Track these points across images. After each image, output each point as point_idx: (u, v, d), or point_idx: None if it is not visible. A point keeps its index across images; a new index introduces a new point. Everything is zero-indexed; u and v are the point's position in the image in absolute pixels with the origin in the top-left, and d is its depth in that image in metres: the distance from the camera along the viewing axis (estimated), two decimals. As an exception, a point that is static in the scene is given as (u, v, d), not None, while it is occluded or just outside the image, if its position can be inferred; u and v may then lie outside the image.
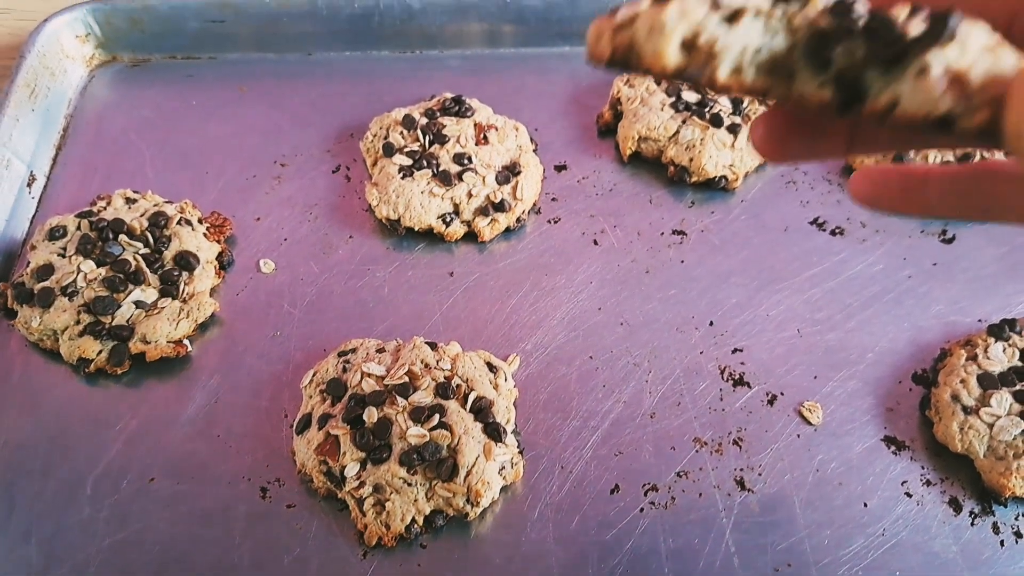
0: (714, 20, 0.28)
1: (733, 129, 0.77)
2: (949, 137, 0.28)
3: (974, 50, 0.27)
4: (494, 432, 0.59)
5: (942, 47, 0.27)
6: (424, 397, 0.59)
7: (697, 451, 0.62)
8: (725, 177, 0.77)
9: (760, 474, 0.61)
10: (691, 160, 0.77)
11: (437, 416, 0.58)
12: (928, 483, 0.60)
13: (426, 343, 0.64)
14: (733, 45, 0.28)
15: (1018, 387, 0.60)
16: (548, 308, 0.70)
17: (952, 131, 0.27)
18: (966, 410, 0.61)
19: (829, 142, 0.38)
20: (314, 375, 0.62)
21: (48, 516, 0.58)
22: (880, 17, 0.28)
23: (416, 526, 0.57)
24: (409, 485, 0.57)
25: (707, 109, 0.78)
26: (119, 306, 0.65)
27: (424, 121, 0.77)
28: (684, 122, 0.78)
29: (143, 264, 0.67)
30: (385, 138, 0.77)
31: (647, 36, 0.28)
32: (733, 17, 0.28)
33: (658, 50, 0.27)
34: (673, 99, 0.79)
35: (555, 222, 0.76)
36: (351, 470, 0.57)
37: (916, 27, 0.28)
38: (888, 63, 0.28)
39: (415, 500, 0.57)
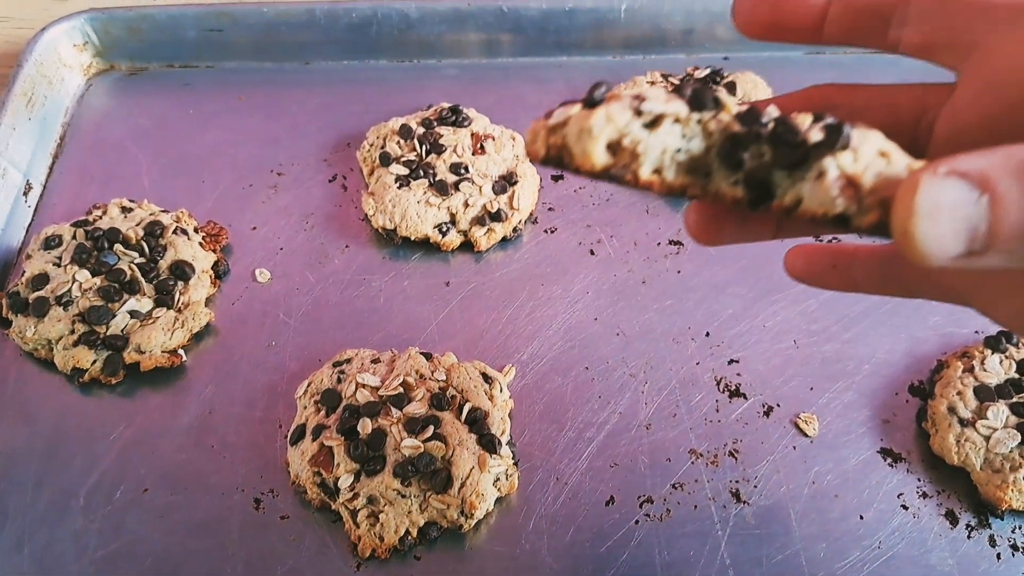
0: (637, 125, 0.30)
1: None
2: (838, 227, 0.30)
3: (867, 156, 0.30)
4: (489, 443, 0.59)
5: (837, 154, 0.30)
6: (418, 408, 0.59)
7: (693, 463, 0.62)
8: (722, 187, 0.77)
9: (756, 486, 0.61)
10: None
11: (431, 427, 0.58)
12: (924, 495, 0.60)
13: (421, 353, 0.64)
14: (654, 148, 0.30)
15: (1015, 399, 0.60)
16: (544, 318, 0.70)
17: (849, 228, 0.30)
18: (962, 422, 0.61)
19: (758, 226, 0.40)
20: (309, 385, 0.62)
21: (41, 526, 0.58)
22: (785, 124, 0.30)
23: (410, 538, 0.57)
24: (403, 497, 0.57)
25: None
26: (114, 316, 0.65)
27: (421, 131, 0.77)
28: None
29: (138, 274, 0.67)
30: (382, 147, 0.78)
31: (577, 138, 0.30)
32: (654, 123, 0.30)
33: (586, 151, 0.30)
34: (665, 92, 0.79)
35: (551, 232, 0.76)
36: (345, 481, 0.57)
37: (816, 135, 0.30)
38: (792, 166, 0.31)
39: (409, 512, 0.57)
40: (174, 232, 0.70)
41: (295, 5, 0.88)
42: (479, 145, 0.77)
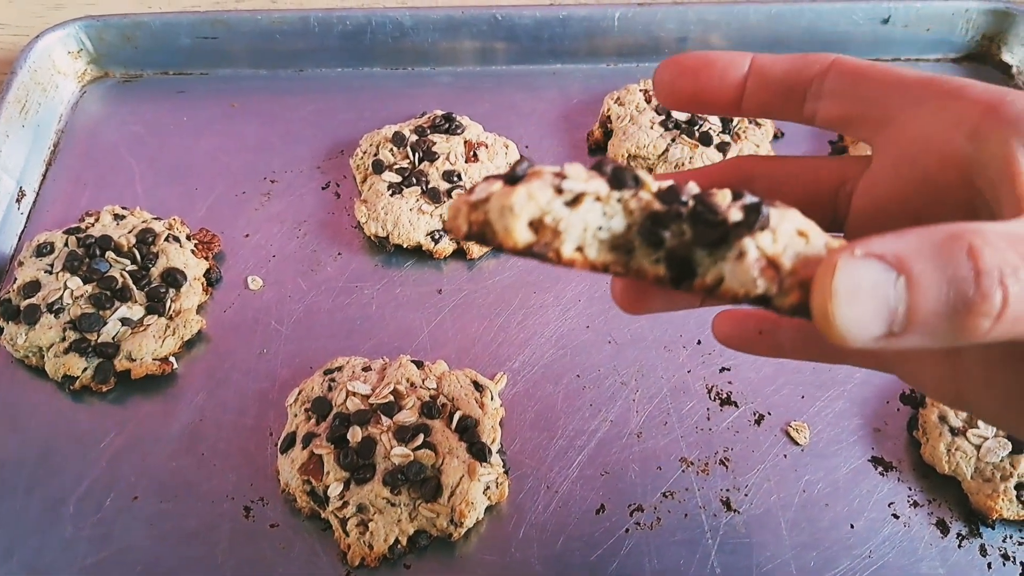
0: (558, 203, 0.30)
1: (722, 148, 0.78)
2: (759, 306, 0.31)
3: (785, 235, 0.30)
4: (479, 452, 0.59)
5: (756, 234, 0.30)
6: (409, 416, 0.60)
7: (683, 471, 0.62)
8: (715, 195, 0.77)
9: (746, 494, 0.61)
10: (681, 178, 0.77)
11: (422, 436, 0.59)
12: (915, 504, 0.61)
13: (412, 361, 0.64)
14: (575, 226, 0.31)
15: (1005, 408, 0.61)
16: (536, 326, 0.70)
17: (770, 307, 0.30)
18: (953, 431, 0.61)
19: (684, 297, 0.39)
20: (299, 393, 0.63)
21: (31, 534, 0.59)
22: (704, 203, 0.31)
23: (400, 546, 0.57)
24: (393, 505, 0.57)
25: (696, 128, 0.79)
26: (105, 323, 0.65)
27: (414, 138, 0.78)
28: (673, 140, 0.78)
29: (130, 281, 0.67)
30: (375, 155, 0.78)
31: (499, 216, 0.30)
32: (575, 201, 0.30)
33: (508, 229, 0.30)
34: (663, 117, 0.80)
35: (544, 240, 0.76)
36: (334, 490, 0.57)
37: (735, 214, 0.30)
38: (712, 245, 0.31)
39: (399, 520, 0.57)
40: (166, 239, 0.71)
41: (289, 13, 0.88)
42: (472, 153, 0.77)
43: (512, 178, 0.31)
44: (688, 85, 0.38)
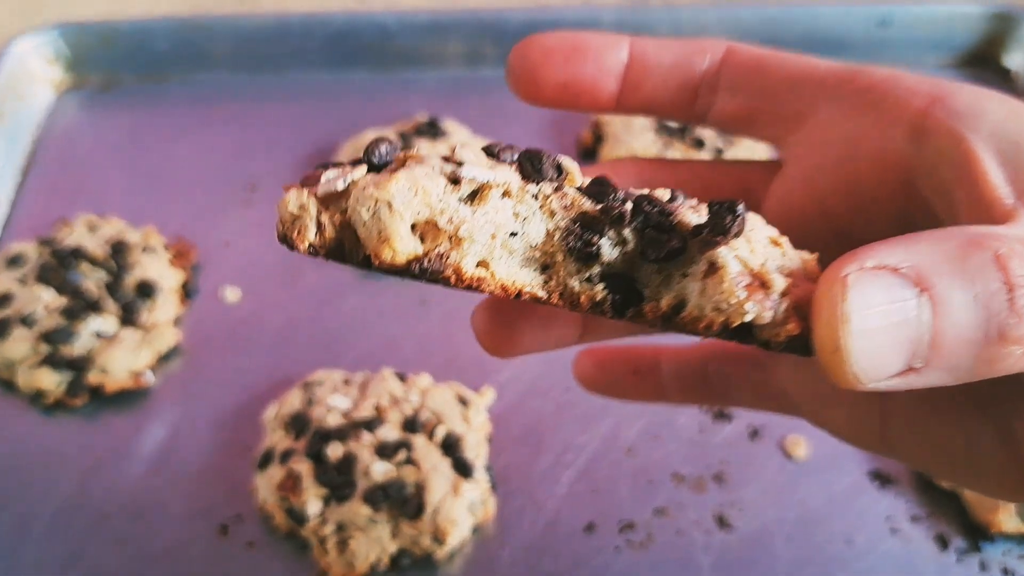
0: (454, 199, 0.24)
1: (716, 153, 0.78)
2: (737, 339, 0.25)
3: (760, 245, 0.24)
4: (463, 468, 0.59)
5: (731, 243, 0.24)
6: (391, 432, 0.59)
7: (676, 487, 0.62)
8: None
9: (741, 511, 0.61)
10: (673, 184, 0.77)
11: (404, 452, 0.58)
12: (914, 519, 0.60)
13: (395, 375, 0.64)
14: (480, 230, 0.24)
15: (1006, 420, 0.61)
16: (524, 337, 0.70)
17: (751, 341, 0.24)
18: (953, 444, 0.61)
19: (561, 329, 0.35)
20: (278, 408, 0.63)
21: (0, 553, 0.58)
22: (653, 202, 0.25)
23: (381, 565, 0.57)
24: (374, 523, 0.57)
25: (689, 134, 0.79)
26: (78, 336, 0.65)
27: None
28: (666, 146, 0.78)
29: (104, 292, 0.67)
30: (358, 162, 0.78)
31: (370, 216, 0.23)
32: (475, 195, 0.24)
33: (386, 235, 0.23)
34: (656, 123, 0.80)
35: (533, 248, 0.76)
36: (313, 508, 0.57)
37: (690, 215, 0.24)
38: (667, 259, 0.25)
39: (380, 539, 0.57)
40: (142, 250, 0.70)
41: (269, 17, 0.89)
42: (458, 159, 0.77)
43: (376, 164, 0.25)
44: (554, 75, 0.32)
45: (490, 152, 0.26)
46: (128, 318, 0.67)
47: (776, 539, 0.59)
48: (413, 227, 0.24)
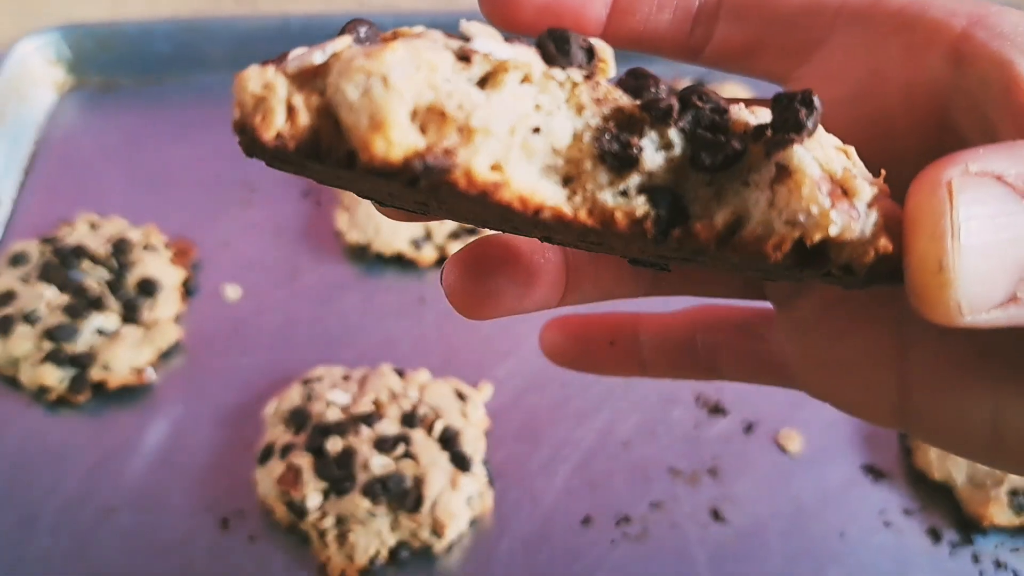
0: (463, 80, 0.19)
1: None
2: (790, 278, 0.21)
3: (832, 150, 0.21)
4: (461, 462, 0.60)
5: (805, 140, 0.20)
6: (390, 426, 0.61)
7: (672, 481, 0.63)
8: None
9: (736, 504, 0.62)
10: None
11: (402, 446, 0.60)
12: (907, 512, 0.62)
13: (394, 370, 0.65)
14: (496, 120, 0.19)
15: (998, 414, 0.62)
16: (521, 334, 0.71)
17: (826, 266, 0.20)
18: (945, 437, 0.62)
19: (542, 289, 0.31)
20: (278, 404, 0.64)
21: (4, 549, 0.59)
22: (703, 95, 0.21)
23: (380, 559, 0.58)
24: (373, 516, 0.58)
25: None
26: (80, 333, 0.66)
27: (397, 144, 0.79)
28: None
29: (105, 290, 0.69)
30: (357, 161, 0.79)
31: (359, 99, 0.18)
32: (487, 80, 0.20)
33: (379, 118, 0.18)
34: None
35: (530, 246, 0.77)
36: (313, 501, 0.58)
37: (747, 115, 0.21)
38: (721, 165, 0.21)
39: (379, 532, 0.58)
40: (143, 248, 0.72)
41: (269, 18, 0.90)
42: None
43: (360, 36, 0.20)
44: (525, 14, 0.28)
45: (506, 38, 0.21)
46: (130, 315, 0.68)
47: (770, 532, 0.61)
48: (412, 115, 0.19)
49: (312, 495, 0.58)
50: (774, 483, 0.63)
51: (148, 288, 0.69)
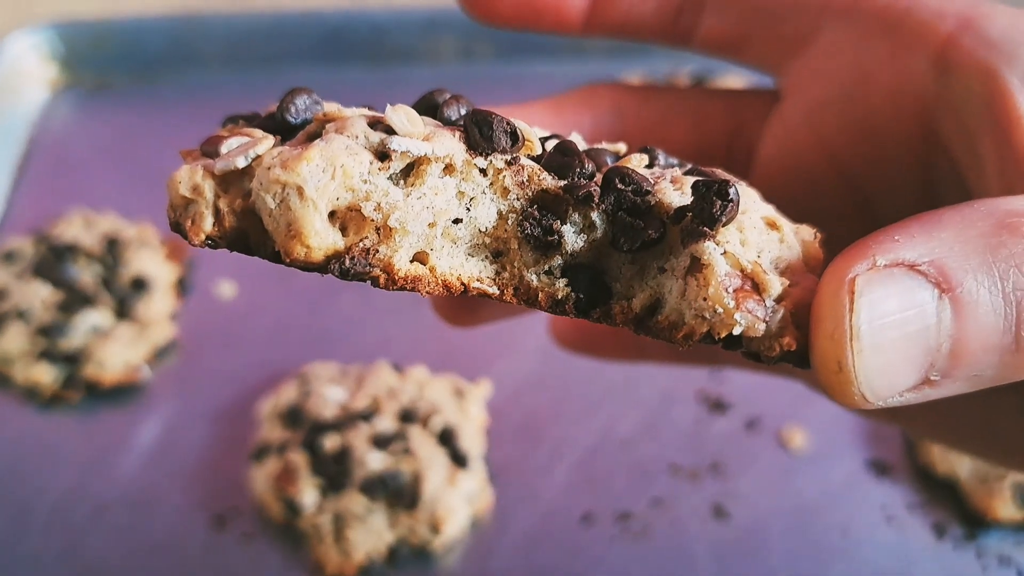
0: (382, 178, 0.19)
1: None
2: (723, 347, 0.21)
3: (756, 231, 0.21)
4: (459, 459, 0.60)
5: (719, 232, 0.20)
6: (386, 423, 0.61)
7: (672, 478, 0.64)
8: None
9: (738, 501, 0.62)
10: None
11: (400, 442, 0.60)
12: (911, 508, 0.62)
13: (391, 366, 0.66)
14: (415, 217, 0.19)
15: (1002, 408, 0.62)
16: (521, 330, 0.71)
17: (738, 349, 0.21)
18: (949, 432, 0.62)
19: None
20: (274, 401, 0.64)
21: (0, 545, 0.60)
22: (625, 177, 0.20)
23: (378, 556, 0.58)
24: (370, 514, 0.58)
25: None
26: (74, 329, 0.67)
27: (393, 140, 0.79)
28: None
29: (99, 287, 0.69)
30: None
31: (278, 205, 0.19)
32: (410, 171, 0.20)
33: (296, 228, 0.19)
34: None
35: (529, 243, 0.78)
36: (309, 499, 0.58)
37: (672, 195, 0.20)
38: (643, 248, 0.21)
39: (376, 530, 0.58)
40: (136, 245, 0.72)
41: (264, 15, 0.90)
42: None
43: (286, 127, 0.20)
44: None
45: (431, 104, 0.21)
46: (123, 312, 0.69)
47: (773, 529, 0.61)
48: (332, 215, 0.19)
49: (308, 492, 0.58)
50: (776, 479, 0.63)
51: (142, 285, 0.70)
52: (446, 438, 0.61)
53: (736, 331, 0.20)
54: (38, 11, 0.95)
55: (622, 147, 0.24)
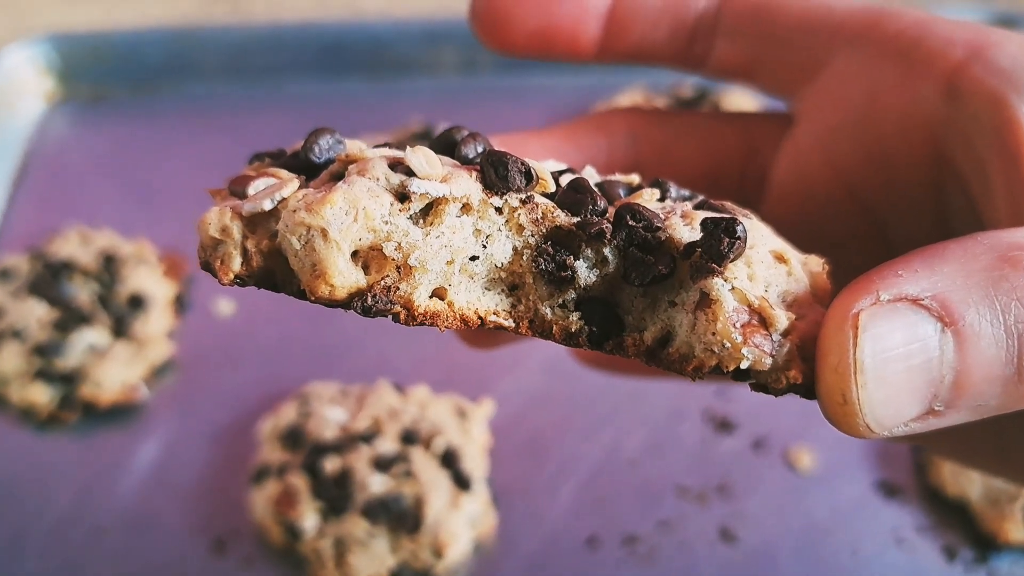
0: (402, 219, 0.21)
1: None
2: (732, 379, 0.22)
3: (764, 265, 0.22)
4: (462, 481, 0.60)
5: (727, 268, 0.21)
6: (388, 445, 0.61)
7: (679, 500, 0.63)
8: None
9: (745, 523, 0.62)
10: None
11: (402, 465, 0.60)
12: (921, 530, 0.62)
13: (393, 386, 0.66)
14: (433, 256, 0.21)
15: (1013, 428, 0.62)
16: (525, 349, 0.71)
17: (748, 383, 0.22)
18: (960, 453, 0.62)
19: None
20: (273, 422, 0.64)
21: (-8, 573, 0.60)
22: (636, 214, 0.22)
23: (379, 581, 0.58)
24: (372, 538, 0.58)
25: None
26: (71, 348, 0.67)
27: (394, 154, 0.79)
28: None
29: (96, 305, 0.69)
30: (354, 172, 0.80)
31: (302, 245, 0.20)
32: (429, 210, 0.21)
33: (321, 267, 0.20)
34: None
35: (531, 258, 0.78)
36: (310, 522, 0.58)
37: (683, 231, 0.22)
38: (653, 282, 0.22)
39: (378, 554, 0.58)
40: (133, 262, 0.72)
41: (263, 27, 0.90)
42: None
43: (309, 166, 0.22)
44: (526, 16, 0.28)
45: (449, 142, 0.23)
46: (120, 330, 0.68)
47: (781, 551, 0.61)
48: (355, 254, 0.21)
49: (309, 516, 0.58)
50: (784, 500, 0.63)
51: (139, 302, 0.70)
52: (448, 460, 0.61)
53: (744, 365, 0.21)
54: (34, 23, 0.95)
55: (635, 178, 0.25)
